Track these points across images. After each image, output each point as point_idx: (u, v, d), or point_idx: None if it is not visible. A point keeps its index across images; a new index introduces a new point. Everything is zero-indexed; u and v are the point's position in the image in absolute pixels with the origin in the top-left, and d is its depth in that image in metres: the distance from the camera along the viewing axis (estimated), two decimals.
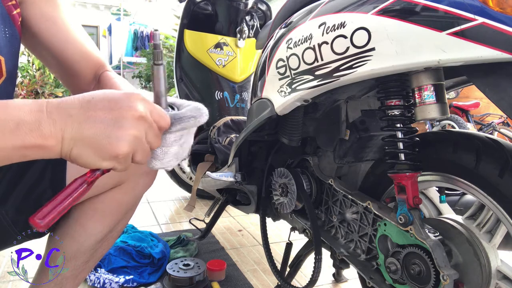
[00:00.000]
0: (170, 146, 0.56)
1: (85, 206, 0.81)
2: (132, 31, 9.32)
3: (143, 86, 8.05)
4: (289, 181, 1.10)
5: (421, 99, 0.73)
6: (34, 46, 0.77)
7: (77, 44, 0.79)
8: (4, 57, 0.65)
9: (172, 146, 0.56)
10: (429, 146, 0.84)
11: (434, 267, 0.75)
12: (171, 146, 0.56)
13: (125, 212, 0.86)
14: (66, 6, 0.78)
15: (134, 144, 0.47)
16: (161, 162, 0.57)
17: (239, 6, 1.83)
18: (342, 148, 1.03)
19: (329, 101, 1.03)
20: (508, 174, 0.68)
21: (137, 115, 0.47)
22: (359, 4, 0.70)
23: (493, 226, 0.76)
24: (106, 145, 0.46)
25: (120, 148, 0.46)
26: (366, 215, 0.93)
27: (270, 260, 1.20)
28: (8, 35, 0.65)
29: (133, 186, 0.84)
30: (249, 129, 1.07)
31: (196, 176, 1.53)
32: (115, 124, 0.46)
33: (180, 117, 0.55)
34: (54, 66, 0.80)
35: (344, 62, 0.73)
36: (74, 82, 0.81)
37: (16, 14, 0.67)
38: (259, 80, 1.05)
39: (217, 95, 1.84)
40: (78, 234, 0.82)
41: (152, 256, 1.48)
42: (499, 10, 0.53)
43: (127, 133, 0.46)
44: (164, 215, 2.20)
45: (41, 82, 5.96)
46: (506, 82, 0.56)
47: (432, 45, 0.59)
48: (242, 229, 2.00)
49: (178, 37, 1.85)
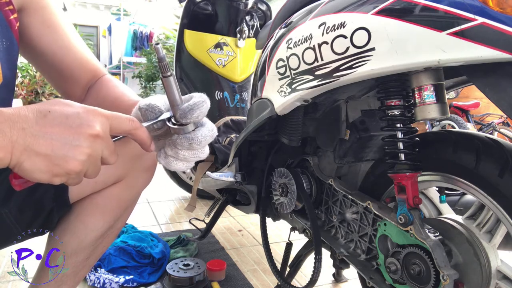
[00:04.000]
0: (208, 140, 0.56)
1: (86, 202, 0.82)
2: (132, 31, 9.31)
3: (143, 86, 8.04)
4: (289, 181, 1.10)
5: (421, 99, 0.73)
6: (32, 53, 0.76)
7: (76, 51, 0.79)
8: (0, 61, 0.65)
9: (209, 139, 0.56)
10: (429, 146, 0.84)
11: (434, 267, 0.75)
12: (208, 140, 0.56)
13: (125, 208, 0.87)
14: (62, 12, 0.78)
15: (88, 163, 0.47)
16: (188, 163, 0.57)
17: (239, 6, 1.83)
18: (342, 148, 1.03)
19: (329, 101, 1.03)
20: (508, 174, 0.68)
21: (95, 134, 0.46)
22: (359, 4, 0.70)
23: (493, 226, 0.76)
24: (61, 163, 0.45)
25: (75, 167, 0.46)
26: (366, 215, 0.93)
27: (270, 260, 1.20)
28: (4, 40, 0.65)
29: (133, 182, 0.85)
30: (249, 129, 1.07)
31: (196, 176, 1.53)
32: (72, 142, 0.45)
33: (195, 102, 0.54)
34: (51, 73, 0.80)
35: (344, 62, 0.73)
36: (70, 89, 0.81)
37: (13, 19, 0.67)
38: (259, 80, 1.05)
39: (217, 95, 1.84)
40: (79, 229, 0.82)
41: (152, 256, 1.48)
42: (499, 10, 0.53)
43: (83, 151, 0.45)
44: (164, 215, 2.20)
45: (41, 82, 5.95)
46: (506, 82, 0.56)
47: (432, 45, 0.59)
48: (242, 229, 2.00)
49: (178, 37, 1.85)
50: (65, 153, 0.45)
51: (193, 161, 0.58)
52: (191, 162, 0.58)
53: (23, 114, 0.44)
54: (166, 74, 0.54)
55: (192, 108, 0.54)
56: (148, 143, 0.53)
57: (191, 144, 0.55)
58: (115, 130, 0.50)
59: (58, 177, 0.46)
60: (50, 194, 0.77)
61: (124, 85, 0.81)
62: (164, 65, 0.53)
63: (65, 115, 0.46)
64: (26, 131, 0.44)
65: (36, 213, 0.77)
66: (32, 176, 0.45)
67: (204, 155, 0.58)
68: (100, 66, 0.84)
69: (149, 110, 0.56)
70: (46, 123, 0.45)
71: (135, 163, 0.83)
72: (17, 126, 0.43)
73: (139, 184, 0.87)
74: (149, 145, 0.54)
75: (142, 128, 0.52)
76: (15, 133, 0.43)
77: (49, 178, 0.46)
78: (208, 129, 0.56)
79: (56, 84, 0.83)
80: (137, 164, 0.83)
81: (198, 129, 0.56)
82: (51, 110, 0.46)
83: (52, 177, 0.45)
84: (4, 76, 0.66)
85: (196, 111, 0.54)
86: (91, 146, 0.46)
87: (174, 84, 0.54)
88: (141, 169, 0.85)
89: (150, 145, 0.54)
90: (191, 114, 0.54)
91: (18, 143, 0.43)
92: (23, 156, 0.44)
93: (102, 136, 0.47)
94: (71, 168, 0.45)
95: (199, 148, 0.56)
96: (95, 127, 0.46)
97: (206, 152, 0.58)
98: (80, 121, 0.46)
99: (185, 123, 0.55)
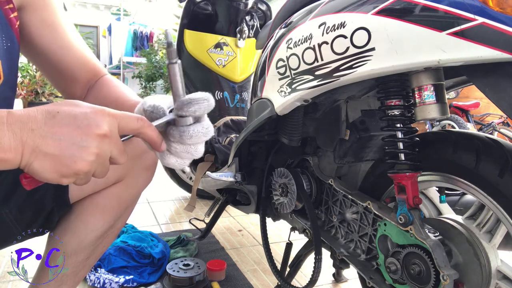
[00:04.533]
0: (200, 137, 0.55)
1: (86, 201, 0.82)
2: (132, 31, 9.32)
3: (143, 86, 8.04)
4: (289, 181, 1.10)
5: (421, 99, 0.73)
6: (32, 51, 0.76)
7: (76, 50, 0.79)
8: (1, 60, 0.65)
9: (201, 137, 0.55)
10: (429, 146, 0.84)
11: (434, 267, 0.75)
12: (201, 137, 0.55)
13: (125, 208, 0.87)
14: (62, 11, 0.78)
15: (96, 163, 0.47)
16: (181, 160, 0.57)
17: (239, 6, 1.83)
18: (342, 148, 1.03)
19: (329, 101, 1.03)
20: (508, 174, 0.68)
21: (103, 134, 0.46)
22: (359, 4, 0.70)
23: (493, 226, 0.76)
24: (69, 164, 0.45)
25: (83, 167, 0.46)
26: (366, 215, 0.93)
27: (270, 260, 1.20)
28: (5, 38, 0.65)
29: (133, 182, 0.85)
30: (249, 129, 1.07)
31: (196, 176, 1.53)
32: (80, 143, 0.45)
33: (195, 97, 0.54)
34: (51, 71, 0.80)
35: (344, 62, 0.73)
36: (70, 88, 0.81)
37: (13, 18, 0.67)
38: (259, 80, 1.05)
39: (217, 95, 1.84)
40: (79, 229, 0.82)
41: (152, 256, 1.48)
42: (499, 10, 0.53)
43: (91, 152, 0.45)
44: (164, 215, 2.20)
45: (41, 82, 5.95)
46: (506, 82, 0.56)
47: (432, 45, 0.59)
48: (242, 229, 2.00)
49: (178, 37, 1.85)
50: (73, 154, 0.45)
51: (185, 158, 0.57)
52: (183, 159, 0.57)
53: (32, 115, 0.45)
54: (172, 61, 0.53)
55: (190, 102, 0.53)
56: (159, 142, 0.53)
57: (182, 137, 0.54)
58: (124, 130, 0.50)
59: (67, 177, 0.46)
60: (50, 194, 0.77)
61: (124, 86, 0.81)
62: (171, 51, 0.53)
63: (73, 115, 0.46)
64: (35, 132, 0.44)
65: (36, 213, 0.77)
66: (41, 176, 0.45)
67: (197, 154, 0.57)
68: (100, 66, 0.84)
69: (154, 112, 0.55)
70: (55, 123, 0.45)
71: (135, 163, 0.83)
72: (27, 127, 0.44)
73: (140, 184, 0.87)
74: (160, 144, 0.53)
75: (151, 127, 0.52)
76: (25, 134, 0.43)
77: (57, 179, 0.46)
78: (203, 126, 0.56)
79: (56, 83, 0.83)
80: (137, 163, 0.84)
81: (194, 124, 0.55)
82: (59, 111, 0.46)
83: (61, 177, 0.46)
84: (5, 75, 0.66)
85: (194, 106, 0.53)
86: (99, 147, 0.46)
87: (178, 72, 0.54)
88: (141, 168, 0.85)
89: (161, 144, 0.53)
90: (188, 108, 0.53)
91: (27, 144, 0.44)
92: (32, 156, 0.44)
93: (110, 136, 0.47)
94: (79, 168, 0.45)
95: (190, 144, 0.56)
96: (103, 127, 0.46)
97: (199, 151, 0.57)
98: (88, 121, 0.46)
99: (180, 115, 0.54)
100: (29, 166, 0.45)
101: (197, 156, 0.58)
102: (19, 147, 0.43)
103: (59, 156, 0.45)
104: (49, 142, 0.44)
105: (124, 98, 0.74)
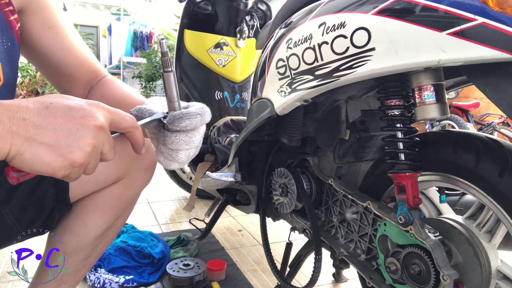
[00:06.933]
0: (181, 145, 0.57)
1: (86, 201, 0.82)
2: (132, 31, 9.32)
3: (143, 86, 8.05)
4: (289, 181, 1.10)
5: (421, 99, 0.73)
6: (33, 53, 0.77)
7: (76, 51, 0.79)
8: (1, 62, 0.65)
9: (182, 145, 0.57)
10: (429, 146, 0.84)
11: (434, 267, 0.75)
12: (182, 145, 0.57)
13: (124, 207, 0.87)
14: (62, 12, 0.79)
15: (92, 155, 0.46)
16: (167, 161, 0.59)
17: (239, 6, 1.83)
18: (342, 148, 1.03)
19: (329, 101, 1.03)
20: (508, 174, 0.68)
21: (99, 125, 0.46)
22: (359, 4, 0.70)
23: (493, 226, 0.76)
24: (65, 154, 0.44)
25: (80, 158, 0.45)
26: (366, 215, 0.93)
27: (270, 260, 1.20)
28: (5, 40, 0.65)
29: (133, 181, 0.85)
30: (249, 129, 1.07)
31: (196, 176, 1.53)
32: (76, 133, 0.45)
33: (186, 113, 0.56)
34: (51, 72, 0.80)
35: (344, 62, 0.73)
36: (70, 88, 0.81)
37: (14, 20, 0.67)
38: (259, 80, 1.05)
39: (217, 95, 1.84)
40: (79, 228, 0.82)
41: (152, 256, 1.48)
42: (499, 10, 0.53)
43: (89, 142, 0.45)
44: (164, 215, 2.20)
45: (41, 82, 5.95)
46: (506, 82, 0.56)
47: (432, 45, 0.59)
48: (242, 229, 2.00)
49: (178, 37, 1.85)
50: (70, 143, 0.44)
51: (170, 160, 0.59)
52: (169, 161, 0.60)
53: (23, 105, 0.44)
54: (167, 70, 0.56)
55: (181, 117, 0.56)
56: (141, 145, 0.54)
57: (164, 140, 0.58)
58: (116, 126, 0.50)
59: (62, 169, 0.45)
60: (51, 194, 0.77)
61: (127, 86, 0.82)
62: (166, 60, 0.56)
63: (68, 106, 0.46)
64: (27, 122, 0.43)
65: (37, 213, 0.77)
66: (33, 168, 0.44)
67: (179, 159, 0.59)
68: (101, 67, 0.85)
69: (138, 116, 0.58)
70: (49, 114, 0.44)
71: (135, 162, 0.83)
72: (17, 116, 0.43)
73: (139, 183, 0.87)
74: (141, 147, 0.54)
75: (139, 128, 0.53)
76: (15, 123, 0.42)
77: (51, 170, 0.44)
78: (187, 135, 0.58)
79: (57, 84, 0.83)
80: (137, 163, 0.84)
81: (179, 133, 0.57)
82: (52, 102, 0.45)
83: (54, 169, 0.44)
84: (5, 77, 0.66)
85: (185, 121, 0.56)
86: (96, 138, 0.46)
87: (173, 80, 0.57)
88: (141, 168, 0.85)
89: (142, 148, 0.54)
90: (179, 122, 0.56)
91: (18, 134, 0.42)
92: (24, 146, 0.43)
93: (105, 129, 0.47)
94: (75, 159, 0.45)
95: (171, 148, 0.58)
96: (99, 118, 0.46)
97: (180, 157, 0.59)
98: (83, 112, 0.46)
99: (170, 129, 0.57)
100: (19, 157, 0.43)
101: (179, 161, 0.60)
102: (7, 136, 0.42)
103: (54, 146, 0.44)
104: (44, 132, 0.43)
105: (130, 98, 0.75)
